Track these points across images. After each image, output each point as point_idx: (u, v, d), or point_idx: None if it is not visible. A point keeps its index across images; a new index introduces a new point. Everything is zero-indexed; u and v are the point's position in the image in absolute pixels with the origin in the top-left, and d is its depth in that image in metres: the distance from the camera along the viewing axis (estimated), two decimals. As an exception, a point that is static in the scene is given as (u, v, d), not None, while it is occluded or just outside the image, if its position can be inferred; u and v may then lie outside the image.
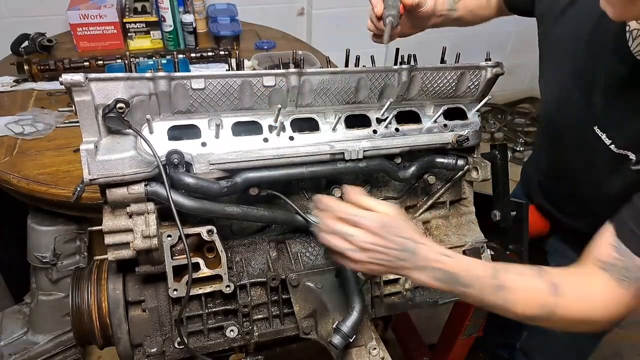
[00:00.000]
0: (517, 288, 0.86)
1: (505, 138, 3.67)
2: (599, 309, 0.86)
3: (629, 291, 0.84)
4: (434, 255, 0.84)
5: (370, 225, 0.80)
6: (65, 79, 0.80)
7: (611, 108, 0.97)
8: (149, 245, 0.89)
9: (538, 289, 0.86)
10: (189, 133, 0.95)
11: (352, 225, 0.80)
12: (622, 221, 0.86)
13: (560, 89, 1.12)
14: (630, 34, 0.90)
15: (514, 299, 0.85)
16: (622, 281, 0.84)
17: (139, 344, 0.99)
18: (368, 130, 1.06)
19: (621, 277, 0.84)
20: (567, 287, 0.86)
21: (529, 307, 0.86)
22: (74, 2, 2.17)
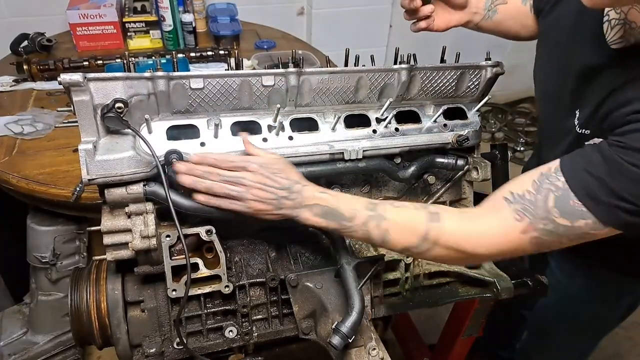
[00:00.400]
0: (396, 218, 0.88)
1: (505, 138, 3.66)
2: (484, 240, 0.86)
3: (520, 224, 0.83)
4: (316, 193, 0.90)
5: (252, 167, 0.88)
6: (64, 79, 0.80)
7: (581, 93, 0.99)
8: (148, 245, 0.89)
9: (417, 218, 0.88)
10: (188, 133, 0.95)
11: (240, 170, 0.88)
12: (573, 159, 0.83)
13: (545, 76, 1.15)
14: (609, 23, 0.91)
15: (394, 229, 0.88)
16: (520, 213, 0.83)
17: (138, 345, 0.99)
18: (368, 130, 1.06)
19: (521, 209, 0.83)
20: (448, 215, 0.87)
21: (408, 236, 0.88)
22: (73, 2, 2.17)
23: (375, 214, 0.88)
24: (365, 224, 0.89)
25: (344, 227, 0.90)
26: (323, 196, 0.90)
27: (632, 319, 1.59)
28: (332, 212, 0.89)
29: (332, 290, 1.01)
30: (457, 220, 0.88)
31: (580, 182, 0.79)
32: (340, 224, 0.89)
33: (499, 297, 1.11)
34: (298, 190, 0.89)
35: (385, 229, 0.88)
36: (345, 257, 0.99)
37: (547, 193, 0.81)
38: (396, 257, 1.08)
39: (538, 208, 0.82)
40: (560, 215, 0.81)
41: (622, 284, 1.32)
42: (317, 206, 0.89)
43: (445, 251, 0.87)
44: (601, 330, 1.49)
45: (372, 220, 0.88)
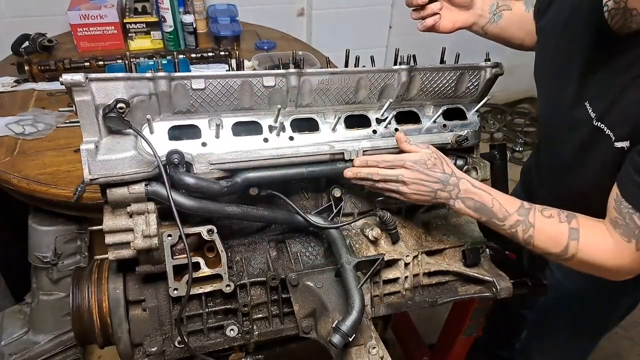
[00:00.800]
0: (542, 228, 0.96)
1: (504, 138, 3.67)
2: (609, 258, 0.94)
3: (631, 245, 0.92)
4: (472, 187, 0.99)
5: (409, 164, 0.98)
6: (66, 79, 0.80)
7: (591, 81, 1.01)
8: (149, 244, 0.89)
9: (561, 232, 0.96)
10: (189, 133, 0.96)
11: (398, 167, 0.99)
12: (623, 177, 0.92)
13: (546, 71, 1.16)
14: (609, 12, 0.93)
15: (539, 238, 0.97)
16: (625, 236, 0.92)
17: (139, 343, 0.99)
18: (368, 131, 1.06)
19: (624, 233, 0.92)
20: (586, 234, 0.95)
21: (550, 246, 0.97)
22: (74, 3, 2.17)
23: (525, 220, 0.97)
24: (513, 227, 0.97)
25: (493, 224, 0.99)
26: (478, 192, 0.98)
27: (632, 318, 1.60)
28: (485, 209, 0.98)
29: (333, 289, 1.01)
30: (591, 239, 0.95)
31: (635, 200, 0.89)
32: (491, 220, 0.99)
33: (499, 296, 1.11)
34: (454, 183, 0.98)
35: (530, 235, 0.97)
36: (345, 257, 1.00)
37: (630, 215, 0.91)
38: (396, 256, 1.09)
39: (634, 229, 0.91)
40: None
41: (621, 284, 1.32)
42: (472, 200, 0.98)
43: (582, 264, 0.97)
44: (601, 330, 1.49)
45: (521, 225, 0.97)
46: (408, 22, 1.29)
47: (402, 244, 1.12)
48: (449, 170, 1.00)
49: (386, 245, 1.11)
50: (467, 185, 0.98)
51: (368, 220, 1.15)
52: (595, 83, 0.98)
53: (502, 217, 0.97)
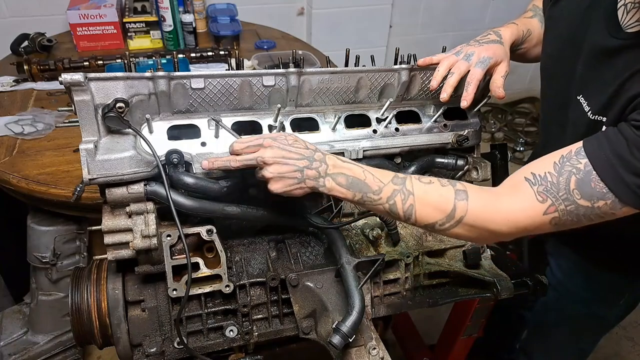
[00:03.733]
0: (424, 194, 0.88)
1: (505, 138, 3.66)
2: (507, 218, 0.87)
3: (543, 205, 0.85)
4: (339, 162, 0.89)
5: (267, 141, 0.86)
6: (65, 79, 0.80)
7: (589, 76, 0.99)
8: (149, 244, 0.89)
9: (445, 195, 0.88)
10: (189, 132, 0.95)
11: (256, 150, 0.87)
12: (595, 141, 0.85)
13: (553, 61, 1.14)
14: (625, 7, 0.92)
15: (421, 205, 0.88)
16: (542, 195, 0.85)
17: (139, 344, 0.99)
18: (368, 130, 1.06)
19: (543, 191, 0.85)
20: (475, 194, 0.88)
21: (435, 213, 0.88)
22: (73, 2, 2.17)
23: (402, 188, 0.88)
24: (390, 198, 0.88)
25: (369, 200, 0.89)
26: (348, 165, 0.89)
27: (631, 318, 1.59)
28: (358, 183, 0.88)
29: (333, 289, 1.01)
30: (482, 199, 0.88)
31: (602, 162, 0.81)
32: (366, 196, 0.88)
33: (499, 297, 1.11)
34: (320, 159, 0.88)
35: (411, 205, 0.88)
36: (345, 257, 0.99)
37: (569, 175, 0.83)
38: (396, 256, 1.09)
39: (560, 190, 0.83)
40: (582, 197, 0.83)
41: (621, 284, 1.32)
42: (342, 175, 0.88)
43: (469, 229, 0.88)
44: (601, 329, 1.49)
45: (399, 195, 0.88)
46: (408, 22, 1.29)
47: (402, 245, 1.12)
48: (312, 146, 0.89)
49: (386, 245, 1.11)
50: (334, 160, 0.89)
51: (368, 220, 1.14)
52: (596, 78, 0.97)
53: (376, 189, 0.88)
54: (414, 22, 3.19)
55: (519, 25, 1.21)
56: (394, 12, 2.99)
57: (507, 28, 1.16)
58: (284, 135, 0.89)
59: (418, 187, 0.89)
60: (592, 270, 1.31)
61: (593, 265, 1.30)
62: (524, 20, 1.25)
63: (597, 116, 0.97)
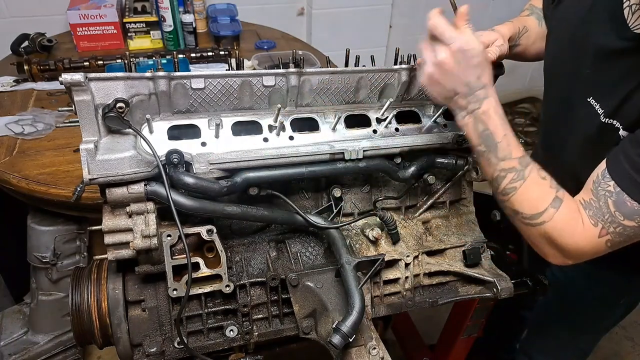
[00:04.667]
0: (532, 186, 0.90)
1: (505, 138, 3.66)
2: (572, 237, 0.90)
3: (596, 229, 0.88)
4: (491, 111, 0.89)
5: (456, 48, 0.85)
6: (65, 79, 0.80)
7: (598, 78, 1.00)
8: (149, 244, 0.89)
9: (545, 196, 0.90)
10: (189, 133, 0.95)
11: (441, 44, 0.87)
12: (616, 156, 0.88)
13: (557, 63, 1.14)
14: (630, 9, 0.92)
15: (522, 193, 0.90)
16: (593, 219, 0.89)
17: (139, 344, 0.99)
18: (368, 130, 1.06)
19: (593, 215, 0.89)
20: (566, 207, 0.90)
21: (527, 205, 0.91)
22: (74, 2, 2.17)
23: (521, 170, 0.90)
24: (505, 171, 0.90)
25: (487, 158, 0.91)
26: (495, 120, 0.89)
27: (631, 318, 1.59)
28: (490, 140, 0.90)
29: (333, 289, 1.01)
30: (567, 213, 0.90)
31: (627, 181, 0.84)
32: (488, 154, 0.91)
33: (499, 297, 1.11)
34: (479, 98, 0.88)
35: (514, 187, 0.90)
36: (345, 257, 0.99)
37: (605, 199, 0.86)
38: (396, 256, 1.09)
39: (605, 214, 0.87)
40: (625, 218, 0.85)
41: (621, 284, 1.32)
42: (483, 124, 0.89)
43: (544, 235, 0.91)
44: (601, 329, 1.49)
45: (513, 173, 0.90)
46: (408, 22, 1.29)
47: (402, 244, 1.12)
48: (485, 80, 0.88)
49: (386, 245, 1.11)
50: (488, 107, 0.89)
51: (368, 220, 1.15)
52: (605, 79, 0.97)
53: (502, 156, 0.89)
54: (414, 22, 3.19)
55: (514, 22, 1.21)
56: (394, 12, 2.99)
57: (501, 25, 1.17)
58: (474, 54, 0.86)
59: (532, 177, 0.90)
60: (592, 270, 1.31)
61: (593, 266, 1.30)
62: (520, 19, 1.25)
63: (609, 119, 0.97)
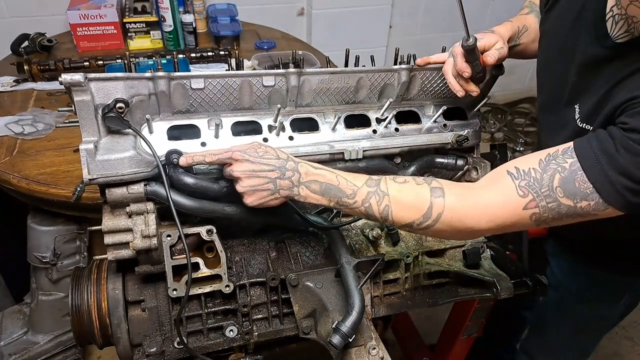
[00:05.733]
0: (399, 193, 0.87)
1: (505, 138, 3.66)
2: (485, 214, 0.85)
3: (523, 200, 0.83)
4: (312, 169, 0.88)
5: (236, 155, 0.86)
6: (65, 79, 0.80)
7: (582, 85, 0.99)
8: (149, 244, 0.89)
9: (421, 194, 0.87)
10: (189, 133, 0.95)
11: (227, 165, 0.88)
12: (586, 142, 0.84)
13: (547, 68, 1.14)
14: (613, 18, 0.92)
15: (397, 205, 0.87)
16: (524, 189, 0.83)
17: (139, 344, 0.99)
18: (368, 130, 1.06)
19: (525, 185, 0.83)
20: (452, 190, 0.87)
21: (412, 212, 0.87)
22: (74, 2, 2.17)
23: (377, 190, 0.87)
24: (366, 201, 0.87)
25: (344, 204, 0.89)
26: (321, 172, 0.88)
27: (631, 318, 1.59)
28: (332, 189, 0.87)
29: (333, 289, 1.01)
30: (459, 195, 0.87)
31: (590, 161, 0.81)
32: (341, 200, 0.88)
33: (499, 297, 1.11)
34: (292, 168, 0.87)
35: (386, 205, 0.87)
36: (345, 257, 0.99)
37: (554, 173, 0.83)
38: (396, 256, 1.09)
39: (543, 186, 0.83)
40: (564, 195, 0.82)
41: (621, 284, 1.32)
42: (316, 182, 0.87)
43: (448, 227, 0.87)
44: (601, 329, 1.49)
45: (374, 197, 0.87)
46: (408, 22, 1.29)
47: (402, 245, 1.12)
48: (283, 155, 0.88)
49: (386, 245, 1.11)
50: (307, 168, 0.88)
51: (368, 220, 1.15)
52: (588, 87, 0.98)
53: (351, 193, 0.87)
54: (414, 22, 3.19)
55: (514, 22, 1.21)
56: (394, 12, 2.99)
57: (501, 26, 1.17)
58: (253, 147, 0.88)
59: (392, 187, 0.88)
60: (592, 270, 1.31)
61: (593, 265, 1.30)
62: (520, 17, 1.25)
63: (585, 124, 0.97)
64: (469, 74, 0.99)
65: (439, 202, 0.85)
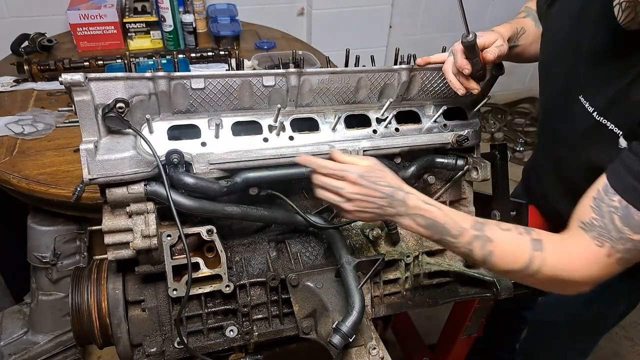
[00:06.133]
0: (502, 242, 0.89)
1: (505, 138, 3.66)
2: (578, 268, 0.87)
3: (603, 249, 0.85)
4: (421, 204, 0.90)
5: (351, 177, 0.87)
6: (65, 79, 0.80)
7: (591, 75, 0.99)
8: (149, 244, 0.89)
9: (522, 244, 0.88)
10: (189, 133, 0.95)
11: (339, 179, 0.89)
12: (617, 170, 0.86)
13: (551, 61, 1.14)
14: (620, 6, 0.92)
15: (499, 253, 0.89)
16: (598, 240, 0.85)
17: (139, 344, 0.99)
18: (368, 130, 1.06)
19: (598, 235, 0.85)
20: (550, 244, 0.88)
21: (512, 261, 0.88)
22: (74, 2, 2.17)
23: (481, 235, 0.89)
24: (470, 243, 0.89)
25: (447, 242, 0.91)
26: (429, 208, 0.89)
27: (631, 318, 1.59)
28: (436, 226, 0.89)
29: (333, 289, 1.01)
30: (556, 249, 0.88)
31: (632, 194, 0.82)
32: (444, 238, 0.90)
33: (499, 296, 1.11)
34: (401, 199, 0.89)
35: (489, 251, 0.88)
36: (345, 257, 0.99)
37: (611, 215, 0.84)
38: (396, 256, 1.09)
39: (610, 231, 0.84)
40: (633, 232, 0.83)
41: (620, 283, 1.31)
42: (422, 217, 0.89)
43: (547, 279, 0.88)
44: (601, 329, 1.49)
45: (478, 241, 0.89)
46: (408, 22, 1.29)
47: (402, 245, 1.12)
48: (395, 183, 0.90)
49: (386, 245, 1.11)
50: (415, 202, 0.89)
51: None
52: (597, 78, 0.97)
53: (456, 233, 0.89)
54: (414, 22, 3.19)
55: (512, 24, 1.21)
56: (394, 12, 2.99)
57: (500, 26, 1.17)
58: (370, 170, 0.89)
59: (497, 234, 0.89)
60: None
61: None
62: (518, 20, 1.26)
63: (602, 118, 0.96)
64: (469, 71, 0.99)
65: (538, 255, 0.87)
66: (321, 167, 0.90)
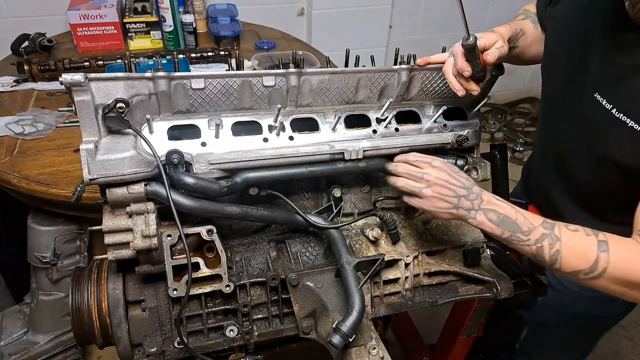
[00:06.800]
0: (570, 242, 0.90)
1: (505, 138, 3.67)
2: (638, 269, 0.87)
3: None
4: (494, 199, 0.94)
5: (437, 162, 0.95)
6: (65, 79, 0.80)
7: (605, 72, 0.99)
8: (149, 244, 0.89)
9: (589, 245, 0.89)
10: (189, 133, 0.95)
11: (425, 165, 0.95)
12: None
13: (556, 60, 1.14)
14: (630, 1, 0.92)
15: (567, 253, 0.90)
16: None
17: (139, 344, 0.99)
18: (368, 130, 1.06)
19: None
20: (616, 246, 0.89)
21: (579, 262, 0.89)
22: (74, 2, 2.17)
23: (550, 233, 0.90)
24: (539, 241, 0.90)
25: (516, 239, 0.92)
26: (501, 204, 0.93)
27: (631, 318, 1.59)
28: (508, 222, 0.91)
29: (333, 289, 1.01)
30: (622, 251, 0.89)
31: None
32: (514, 235, 0.92)
33: (499, 297, 1.11)
34: (477, 192, 0.93)
35: (557, 250, 0.90)
36: (345, 257, 0.99)
37: None
38: (396, 256, 1.09)
39: None
40: None
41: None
42: (494, 212, 0.92)
43: (613, 281, 0.89)
44: (600, 329, 1.49)
45: (547, 239, 0.90)
46: (408, 22, 1.29)
47: (402, 244, 1.12)
48: (471, 180, 0.96)
49: (386, 245, 1.11)
50: (489, 197, 0.94)
51: (368, 220, 1.15)
52: (611, 75, 0.97)
53: (526, 230, 0.91)
54: (414, 22, 3.19)
55: (512, 25, 1.21)
56: (394, 12, 3.00)
57: (500, 27, 1.17)
58: (450, 164, 0.97)
59: (565, 234, 0.90)
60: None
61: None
62: (516, 22, 1.26)
63: (622, 115, 0.96)
64: (469, 72, 0.99)
65: (604, 256, 0.88)
66: (410, 158, 0.97)
